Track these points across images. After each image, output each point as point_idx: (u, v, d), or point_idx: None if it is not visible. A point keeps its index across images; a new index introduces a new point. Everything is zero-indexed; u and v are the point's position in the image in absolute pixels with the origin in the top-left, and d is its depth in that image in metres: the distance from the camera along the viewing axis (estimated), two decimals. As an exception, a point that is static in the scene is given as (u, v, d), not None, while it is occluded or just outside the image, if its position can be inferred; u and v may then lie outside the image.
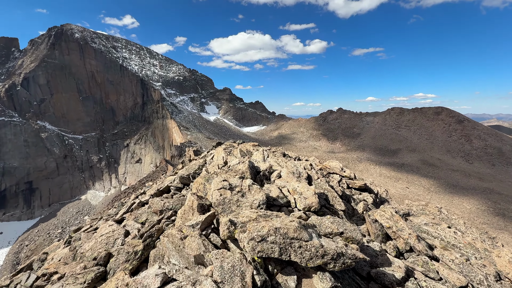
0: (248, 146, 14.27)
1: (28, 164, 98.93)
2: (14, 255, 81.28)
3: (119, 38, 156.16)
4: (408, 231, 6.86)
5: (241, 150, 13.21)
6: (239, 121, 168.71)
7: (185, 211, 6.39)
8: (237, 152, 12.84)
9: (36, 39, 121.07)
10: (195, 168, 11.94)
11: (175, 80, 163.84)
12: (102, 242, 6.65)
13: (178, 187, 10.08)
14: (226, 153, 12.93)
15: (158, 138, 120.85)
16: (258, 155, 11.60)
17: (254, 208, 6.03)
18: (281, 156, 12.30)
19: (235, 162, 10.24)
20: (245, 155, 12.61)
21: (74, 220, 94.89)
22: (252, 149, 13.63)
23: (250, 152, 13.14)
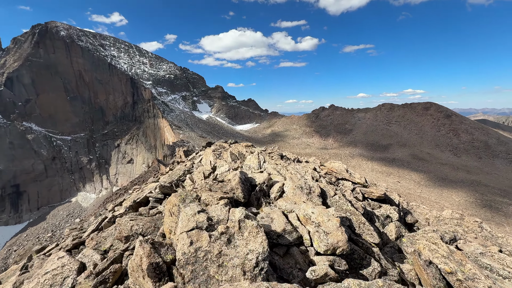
0: (240, 148, 12.72)
1: (14, 167, 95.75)
2: (2, 261, 78.74)
3: (107, 36, 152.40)
4: (486, 282, 4.46)
5: (232, 152, 11.61)
6: (232, 119, 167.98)
7: (134, 269, 4.06)
8: (228, 155, 11.10)
9: (19, 37, 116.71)
10: (179, 173, 10.34)
11: (166, 79, 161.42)
12: (46, 283, 4.68)
13: (158, 198, 8.27)
14: (215, 156, 11.46)
15: (149, 138, 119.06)
16: (253, 159, 9.70)
17: (248, 271, 3.64)
18: (279, 159, 11.02)
19: (224, 169, 8.81)
20: (237, 158, 10.99)
21: (64, 223, 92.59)
22: (245, 151, 12.13)
23: (243, 155, 11.45)
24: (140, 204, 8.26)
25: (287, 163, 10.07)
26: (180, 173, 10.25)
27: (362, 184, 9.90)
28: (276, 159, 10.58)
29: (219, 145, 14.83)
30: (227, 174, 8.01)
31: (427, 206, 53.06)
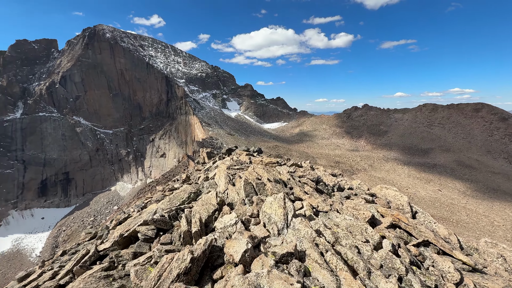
0: (260, 171, 8.67)
1: (65, 156, 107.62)
2: (54, 239, 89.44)
3: (146, 37, 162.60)
4: None
5: (248, 181, 7.87)
6: (260, 117, 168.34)
7: None
8: (241, 185, 7.63)
9: (72, 40, 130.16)
10: (182, 197, 8.11)
11: (198, 77, 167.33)
12: None
13: (147, 236, 5.98)
14: (228, 178, 8.70)
15: (181, 134, 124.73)
16: (275, 206, 6.01)
17: None
18: (314, 193, 8.12)
19: (228, 221, 5.83)
20: (252, 193, 7.44)
21: (104, 209, 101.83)
22: (266, 178, 8.09)
23: (263, 186, 7.69)
24: (128, 240, 6.24)
25: (327, 203, 7.44)
26: (184, 196, 8.28)
27: (472, 266, 5.58)
28: (311, 195, 7.84)
29: (236, 160, 12.39)
30: (231, 230, 5.31)
31: (473, 219, 47.63)
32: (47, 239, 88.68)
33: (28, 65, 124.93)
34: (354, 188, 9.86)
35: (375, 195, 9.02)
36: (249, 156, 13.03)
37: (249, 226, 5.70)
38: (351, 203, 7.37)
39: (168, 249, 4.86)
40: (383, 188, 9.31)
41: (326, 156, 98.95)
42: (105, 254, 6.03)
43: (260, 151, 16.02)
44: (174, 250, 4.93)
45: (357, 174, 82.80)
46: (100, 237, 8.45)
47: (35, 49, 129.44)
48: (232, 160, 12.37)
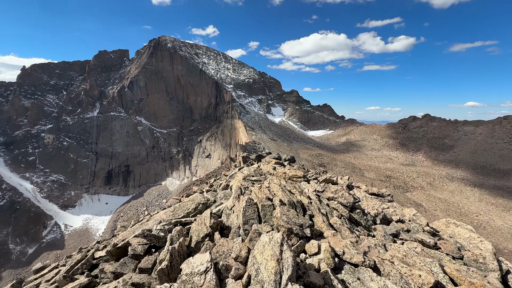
0: (275, 188, 6.90)
1: (127, 151, 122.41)
2: (113, 222, 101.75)
3: (201, 45, 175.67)
4: None
5: (252, 200, 6.18)
6: (305, 124, 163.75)
7: None
8: (241, 206, 6.01)
9: (140, 50, 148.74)
10: (188, 208, 7.11)
11: (245, 83, 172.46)
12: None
13: (135, 253, 5.30)
14: (239, 191, 7.27)
15: (226, 136, 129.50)
16: (267, 255, 3.96)
17: None
18: (347, 239, 5.36)
19: (197, 266, 3.92)
20: (254, 219, 5.68)
21: (155, 201, 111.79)
22: (277, 202, 6.25)
23: (270, 215, 5.82)
24: (123, 251, 5.66)
25: (360, 248, 5.13)
26: (191, 207, 7.31)
27: None
28: (338, 231, 5.67)
29: (257, 169, 10.59)
30: (198, 283, 3.63)
31: None
32: (109, 222, 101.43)
33: (106, 71, 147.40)
34: (407, 221, 7.13)
35: (439, 235, 6.32)
36: (277, 165, 11.63)
37: (225, 279, 3.82)
38: (399, 249, 4.96)
39: (136, 283, 3.90)
40: (451, 225, 6.59)
41: (376, 169, 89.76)
42: (98, 263, 5.65)
43: (292, 160, 14.47)
44: (144, 284, 3.94)
45: (412, 192, 72.78)
46: (99, 241, 8.34)
47: (112, 58, 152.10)
48: (252, 169, 10.83)
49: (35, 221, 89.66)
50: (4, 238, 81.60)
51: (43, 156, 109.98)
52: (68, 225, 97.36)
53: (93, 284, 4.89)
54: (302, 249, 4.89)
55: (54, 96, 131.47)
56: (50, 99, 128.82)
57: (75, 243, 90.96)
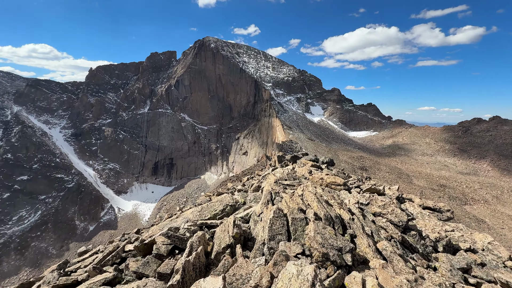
0: (310, 198, 6.02)
1: (172, 145, 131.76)
2: (157, 210, 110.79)
3: (242, 45, 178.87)
4: None
5: (281, 211, 5.41)
6: (346, 124, 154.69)
7: None
8: (268, 217, 5.27)
9: (186, 51, 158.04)
10: (215, 210, 6.60)
11: (284, 81, 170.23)
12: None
13: (159, 253, 5.13)
14: (269, 197, 6.47)
15: (263, 135, 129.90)
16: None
17: None
18: (402, 276, 3.99)
19: None
20: (281, 235, 4.92)
21: (194, 193, 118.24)
22: (311, 215, 5.40)
23: (301, 231, 4.97)
24: (149, 247, 5.61)
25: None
26: (218, 208, 6.80)
27: None
28: (390, 261, 4.56)
29: (290, 172, 9.45)
30: None
31: None
32: (154, 209, 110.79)
33: (156, 71, 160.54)
34: (480, 251, 5.51)
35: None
36: (314, 168, 10.56)
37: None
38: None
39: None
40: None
41: (427, 176, 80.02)
42: (127, 256, 5.64)
43: (331, 163, 13.10)
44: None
45: (472, 205, 63.07)
46: (138, 230, 8.52)
47: (161, 59, 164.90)
48: (286, 172, 9.75)
49: (95, 203, 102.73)
50: (72, 215, 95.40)
51: (103, 147, 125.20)
52: (121, 208, 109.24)
53: (117, 280, 4.86)
54: (341, 283, 3.75)
55: (113, 94, 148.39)
56: (110, 96, 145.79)
57: (125, 225, 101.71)
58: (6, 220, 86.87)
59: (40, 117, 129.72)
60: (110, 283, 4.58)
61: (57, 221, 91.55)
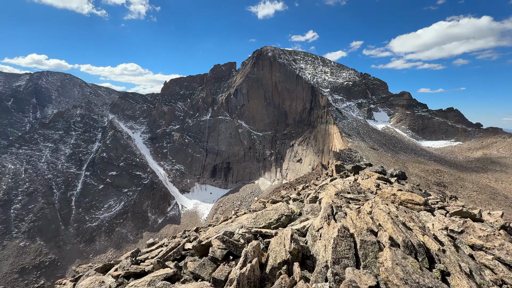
0: (382, 217, 5.22)
1: (229, 150, 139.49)
2: (214, 210, 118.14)
3: (299, 51, 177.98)
4: None
5: (347, 231, 4.72)
6: (417, 132, 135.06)
7: None
8: (331, 235, 4.64)
9: (245, 61, 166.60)
10: (270, 219, 6.23)
11: (343, 86, 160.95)
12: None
13: (214, 256, 5.16)
14: (329, 210, 5.88)
15: (319, 142, 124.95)
16: None
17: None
18: None
19: None
20: (347, 258, 4.19)
21: (248, 197, 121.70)
22: (386, 239, 4.48)
23: (373, 258, 4.15)
24: (206, 249, 5.73)
25: None
26: (273, 217, 6.37)
27: None
28: None
29: (353, 184, 8.30)
30: None
31: None
32: (211, 209, 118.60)
33: (218, 82, 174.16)
34: None
35: None
36: (381, 181, 9.15)
37: None
38: None
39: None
40: None
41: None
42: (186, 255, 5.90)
43: (402, 176, 11.10)
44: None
45: None
46: (197, 229, 8.88)
47: (223, 70, 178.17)
48: (348, 183, 8.66)
49: (164, 199, 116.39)
50: (146, 208, 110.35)
51: (172, 150, 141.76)
52: (184, 206, 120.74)
53: (177, 277, 5.08)
54: None
55: (182, 103, 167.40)
56: (179, 105, 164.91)
57: (187, 221, 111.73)
58: (100, 207, 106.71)
59: (126, 123, 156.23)
60: (170, 279, 4.85)
61: (134, 211, 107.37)
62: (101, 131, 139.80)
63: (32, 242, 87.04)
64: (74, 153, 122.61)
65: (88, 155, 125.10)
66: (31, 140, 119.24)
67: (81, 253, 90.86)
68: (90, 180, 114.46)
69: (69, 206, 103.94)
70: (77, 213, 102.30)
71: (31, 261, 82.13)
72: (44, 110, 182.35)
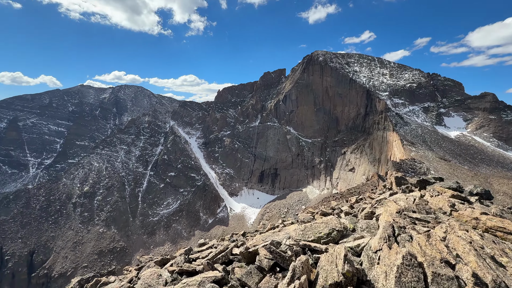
0: (462, 247, 4.16)
1: (277, 156, 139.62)
2: (261, 215, 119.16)
3: (353, 54, 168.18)
4: None
5: (414, 260, 3.76)
6: (506, 141, 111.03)
7: None
8: (394, 263, 3.83)
9: (295, 67, 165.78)
10: (320, 232, 5.82)
11: (405, 88, 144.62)
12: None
13: (260, 266, 5.11)
14: (390, 231, 5.16)
15: (375, 150, 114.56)
16: None
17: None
18: None
19: None
20: None
21: (295, 205, 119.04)
22: (468, 276, 3.49)
23: None
24: (253, 256, 5.62)
25: None
26: (323, 231, 5.90)
27: None
28: None
29: (420, 202, 7.03)
30: None
31: None
32: (258, 214, 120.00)
33: (267, 89, 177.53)
34: None
35: None
36: (457, 200, 7.57)
37: None
38: None
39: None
40: None
41: None
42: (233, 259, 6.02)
43: (486, 195, 8.86)
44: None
45: None
46: (244, 233, 8.96)
47: (272, 77, 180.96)
48: (412, 200, 7.45)
49: (214, 201, 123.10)
50: (198, 208, 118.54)
51: (223, 154, 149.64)
52: (232, 208, 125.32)
53: (224, 281, 5.20)
54: None
55: (233, 110, 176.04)
56: (230, 112, 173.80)
57: (235, 224, 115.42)
58: (160, 204, 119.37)
59: (184, 129, 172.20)
60: (218, 283, 4.99)
61: (188, 210, 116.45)
62: (163, 136, 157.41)
63: (108, 229, 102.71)
64: (142, 155, 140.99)
65: (152, 157, 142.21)
66: (111, 143, 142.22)
67: (144, 243, 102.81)
68: (153, 179, 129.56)
69: (137, 201, 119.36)
70: (142, 208, 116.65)
71: (107, 246, 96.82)
72: (121, 117, 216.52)
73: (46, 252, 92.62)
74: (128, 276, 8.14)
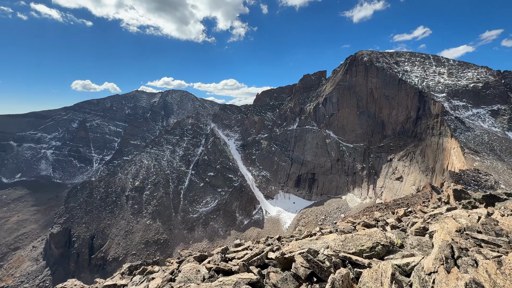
0: None
1: (315, 161, 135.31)
2: (297, 221, 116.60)
3: (403, 52, 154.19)
4: None
5: None
6: None
7: None
8: None
9: (337, 69, 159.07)
10: (362, 245, 5.37)
11: (468, 89, 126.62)
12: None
13: (296, 274, 4.91)
14: (447, 252, 4.48)
15: (428, 158, 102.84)
16: None
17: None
18: None
19: None
20: None
21: (333, 213, 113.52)
22: None
23: None
24: (289, 262, 5.46)
25: None
26: (365, 244, 5.46)
27: None
28: None
29: (487, 222, 5.94)
30: None
31: None
32: (293, 219, 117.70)
33: (306, 91, 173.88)
34: None
35: None
36: None
37: None
38: None
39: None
40: None
41: None
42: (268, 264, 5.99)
43: None
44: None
45: None
46: (279, 238, 8.82)
47: (312, 79, 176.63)
48: (476, 218, 6.46)
49: (250, 202, 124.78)
50: (234, 208, 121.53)
51: (260, 157, 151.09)
52: (267, 211, 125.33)
53: (259, 285, 5.19)
54: None
55: (271, 113, 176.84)
56: (268, 115, 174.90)
57: (270, 227, 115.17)
58: (200, 201, 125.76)
59: (224, 131, 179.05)
60: (253, 285, 5.01)
61: (225, 210, 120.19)
62: (205, 137, 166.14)
63: (154, 222, 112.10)
64: (185, 154, 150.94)
65: (194, 157, 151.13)
66: (158, 143, 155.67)
67: (184, 238, 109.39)
68: (194, 178, 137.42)
69: (179, 197, 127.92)
70: (183, 204, 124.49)
71: (152, 237, 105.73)
72: (168, 120, 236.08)
73: (103, 237, 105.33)
74: (170, 268, 8.76)
